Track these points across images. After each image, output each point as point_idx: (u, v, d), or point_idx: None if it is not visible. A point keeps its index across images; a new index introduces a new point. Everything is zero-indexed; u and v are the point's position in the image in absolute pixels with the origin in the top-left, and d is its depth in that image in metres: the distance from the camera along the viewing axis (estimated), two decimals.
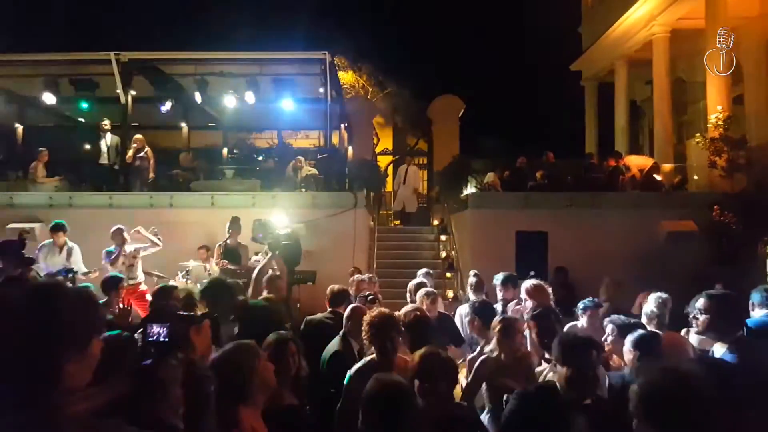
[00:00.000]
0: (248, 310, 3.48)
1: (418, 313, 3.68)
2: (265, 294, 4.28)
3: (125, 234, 7.38)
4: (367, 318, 3.23)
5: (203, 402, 1.80)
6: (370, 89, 17.83)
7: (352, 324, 3.77)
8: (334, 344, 3.78)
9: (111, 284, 5.09)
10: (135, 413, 1.74)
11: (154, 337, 1.86)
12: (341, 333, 3.86)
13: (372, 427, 2.08)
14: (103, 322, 1.94)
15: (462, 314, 5.00)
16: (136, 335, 2.28)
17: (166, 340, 1.85)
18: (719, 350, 2.88)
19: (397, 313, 3.47)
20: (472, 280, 5.62)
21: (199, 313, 2.73)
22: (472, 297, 5.38)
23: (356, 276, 6.35)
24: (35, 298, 2.02)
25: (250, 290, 4.48)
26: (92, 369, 1.96)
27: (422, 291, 4.77)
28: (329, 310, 4.63)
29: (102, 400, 1.83)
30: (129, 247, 7.38)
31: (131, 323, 3.95)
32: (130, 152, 10.51)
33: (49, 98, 10.61)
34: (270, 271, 4.87)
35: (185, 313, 2.03)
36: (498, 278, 5.12)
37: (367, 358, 3.21)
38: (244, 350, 2.32)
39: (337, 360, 3.59)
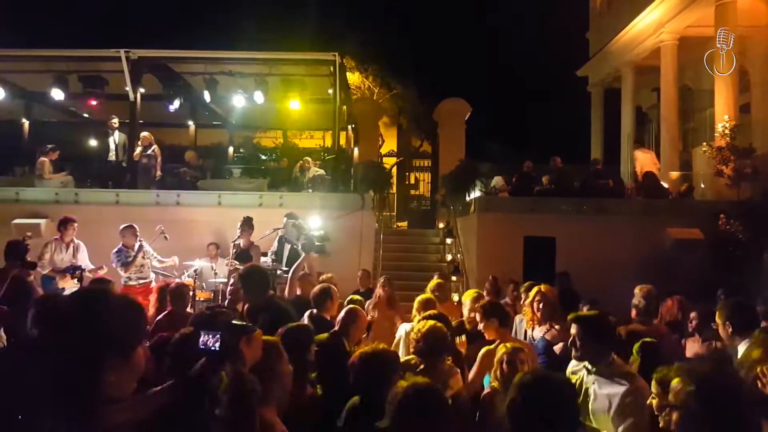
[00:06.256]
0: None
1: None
2: (298, 292, 4.34)
3: (138, 234, 7.16)
4: (417, 331, 3.13)
5: (251, 416, 1.76)
6: (376, 90, 17.81)
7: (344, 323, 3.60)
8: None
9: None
10: (181, 424, 1.73)
11: (205, 346, 1.79)
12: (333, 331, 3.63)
13: None
14: (146, 332, 1.92)
15: None
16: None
17: (217, 349, 1.78)
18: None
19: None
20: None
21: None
22: None
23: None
24: (79, 304, 2.00)
25: (287, 289, 4.52)
26: (136, 379, 1.94)
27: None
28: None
29: (145, 410, 1.81)
30: (144, 247, 7.19)
31: None
32: (138, 150, 10.50)
33: (57, 94, 10.57)
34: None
35: (238, 323, 2.00)
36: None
37: None
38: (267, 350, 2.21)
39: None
